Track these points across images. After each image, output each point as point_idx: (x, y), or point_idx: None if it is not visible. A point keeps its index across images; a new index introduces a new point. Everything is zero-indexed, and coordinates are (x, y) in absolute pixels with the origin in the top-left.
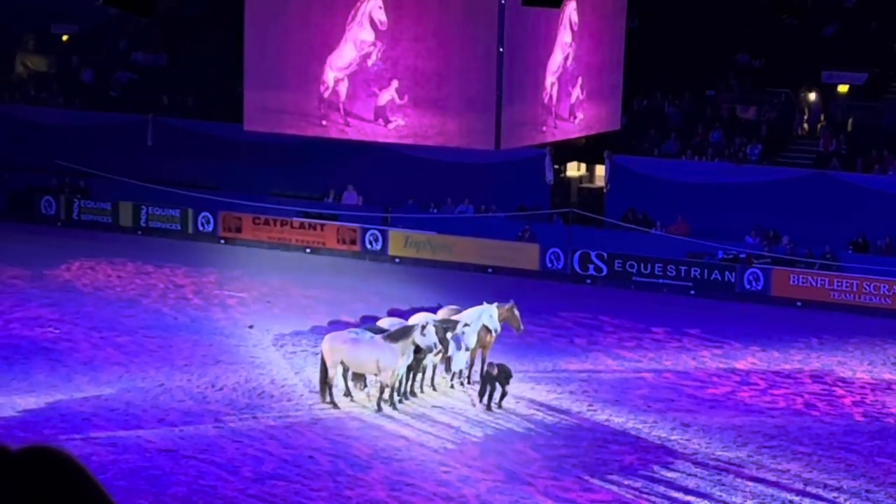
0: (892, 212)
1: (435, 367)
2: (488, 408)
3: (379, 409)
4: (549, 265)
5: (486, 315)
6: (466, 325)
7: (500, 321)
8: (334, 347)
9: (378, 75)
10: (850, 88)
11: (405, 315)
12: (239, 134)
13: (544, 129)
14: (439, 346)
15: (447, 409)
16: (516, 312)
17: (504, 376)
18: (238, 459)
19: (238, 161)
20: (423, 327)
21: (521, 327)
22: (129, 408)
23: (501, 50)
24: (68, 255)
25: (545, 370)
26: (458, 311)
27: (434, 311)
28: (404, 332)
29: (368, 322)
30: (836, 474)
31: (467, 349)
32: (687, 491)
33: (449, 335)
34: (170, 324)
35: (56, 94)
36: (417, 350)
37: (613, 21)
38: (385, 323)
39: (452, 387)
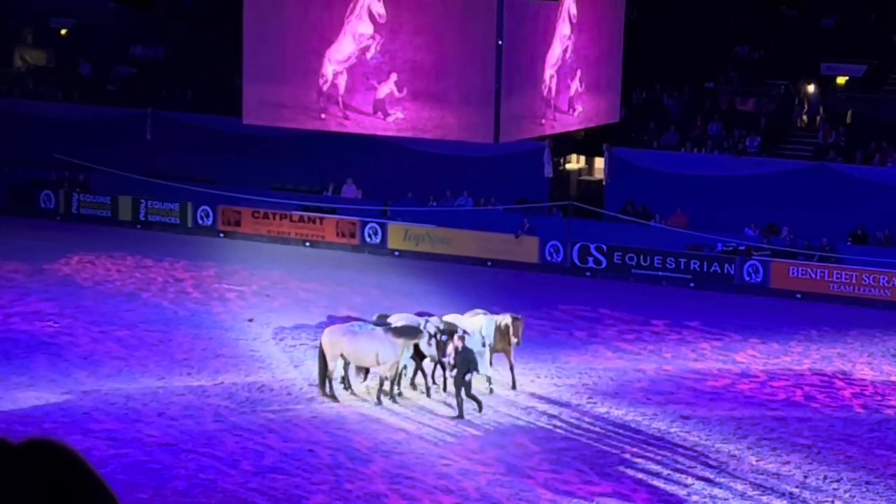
0: (891, 203)
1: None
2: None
3: (379, 402)
4: (549, 258)
5: (485, 326)
6: (466, 332)
7: (501, 328)
8: (334, 340)
9: (377, 68)
10: (849, 80)
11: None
12: (238, 127)
13: (543, 121)
14: (435, 358)
15: (447, 402)
16: (519, 326)
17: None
18: (238, 453)
19: (237, 155)
20: (432, 336)
21: (519, 342)
22: (128, 402)
23: (500, 43)
24: (68, 250)
25: (545, 363)
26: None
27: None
28: (410, 332)
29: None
30: (835, 466)
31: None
32: (687, 484)
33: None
34: (169, 318)
35: (55, 88)
36: (422, 356)
37: (612, 13)
38: (397, 319)
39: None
